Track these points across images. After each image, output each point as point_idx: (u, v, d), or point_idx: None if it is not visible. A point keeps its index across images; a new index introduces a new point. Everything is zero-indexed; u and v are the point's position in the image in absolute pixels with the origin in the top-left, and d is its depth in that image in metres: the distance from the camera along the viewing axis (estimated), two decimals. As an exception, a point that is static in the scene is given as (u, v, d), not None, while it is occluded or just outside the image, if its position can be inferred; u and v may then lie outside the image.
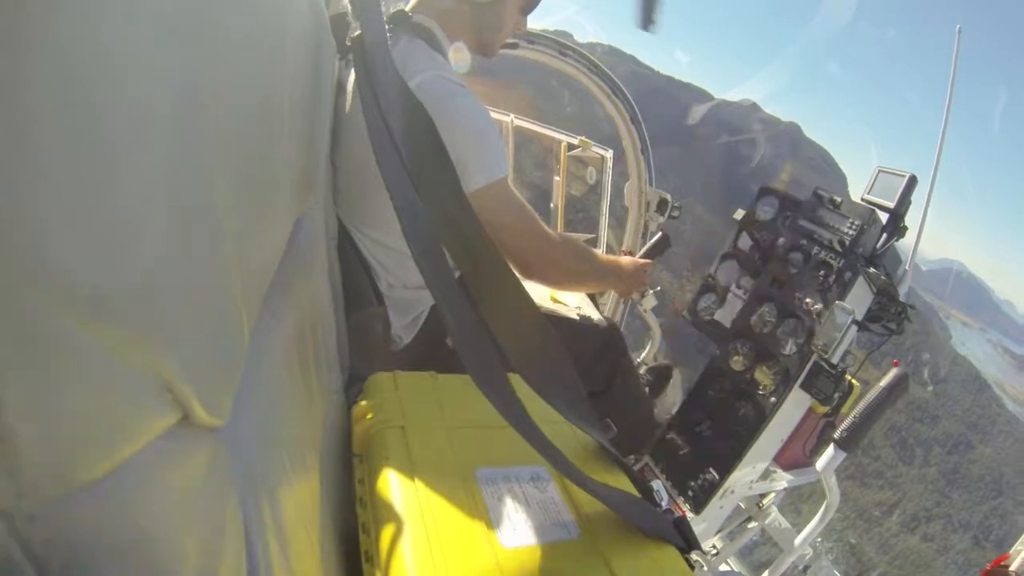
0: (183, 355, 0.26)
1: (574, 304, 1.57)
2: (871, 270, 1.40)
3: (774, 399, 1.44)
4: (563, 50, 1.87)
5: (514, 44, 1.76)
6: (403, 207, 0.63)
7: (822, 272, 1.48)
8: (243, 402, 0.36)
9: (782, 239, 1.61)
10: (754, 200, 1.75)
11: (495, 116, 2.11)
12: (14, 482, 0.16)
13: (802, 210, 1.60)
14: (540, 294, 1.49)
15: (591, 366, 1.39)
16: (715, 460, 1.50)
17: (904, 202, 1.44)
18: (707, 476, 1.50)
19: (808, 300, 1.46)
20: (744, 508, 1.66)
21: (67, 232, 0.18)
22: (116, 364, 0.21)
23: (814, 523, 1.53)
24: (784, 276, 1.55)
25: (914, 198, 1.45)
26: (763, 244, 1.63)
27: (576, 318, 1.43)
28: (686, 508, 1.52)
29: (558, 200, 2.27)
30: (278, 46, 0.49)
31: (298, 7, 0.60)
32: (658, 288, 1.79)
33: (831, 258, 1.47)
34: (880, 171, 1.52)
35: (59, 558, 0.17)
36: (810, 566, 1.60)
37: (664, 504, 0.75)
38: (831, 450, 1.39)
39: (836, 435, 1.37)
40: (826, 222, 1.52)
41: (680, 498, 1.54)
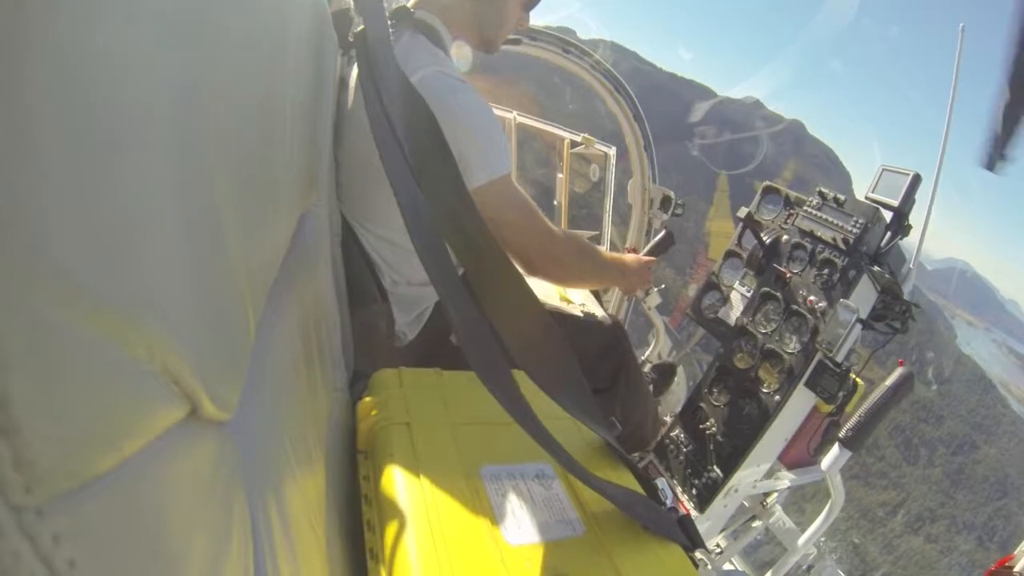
0: (189, 348, 0.26)
1: (578, 301, 1.57)
2: (875, 268, 1.39)
3: (778, 397, 1.44)
4: (566, 47, 1.87)
5: (516, 40, 1.76)
6: (406, 203, 0.63)
7: (826, 270, 1.47)
8: (249, 397, 0.36)
9: (786, 237, 1.61)
10: (758, 198, 1.74)
11: (498, 113, 2.10)
12: (22, 477, 0.16)
13: (805, 208, 1.59)
14: (547, 291, 1.49)
15: (595, 363, 1.39)
16: (719, 458, 1.50)
17: (908, 200, 1.44)
18: (711, 474, 1.50)
19: (812, 298, 1.46)
20: (748, 507, 1.66)
21: (70, 229, 0.18)
22: (123, 358, 0.21)
23: (818, 522, 1.52)
24: (788, 274, 1.54)
25: (918, 196, 1.45)
26: (767, 242, 1.62)
27: (580, 315, 1.43)
28: (690, 506, 1.52)
29: (561, 197, 2.27)
30: (279, 43, 0.49)
31: (300, 4, 0.60)
32: (662, 286, 1.78)
33: (835, 256, 1.47)
34: (884, 169, 1.52)
35: (67, 553, 0.17)
36: (814, 565, 1.60)
37: (668, 502, 0.74)
38: (836, 449, 1.39)
39: (841, 434, 1.37)
40: (830, 220, 1.52)
41: (684, 496, 1.54)
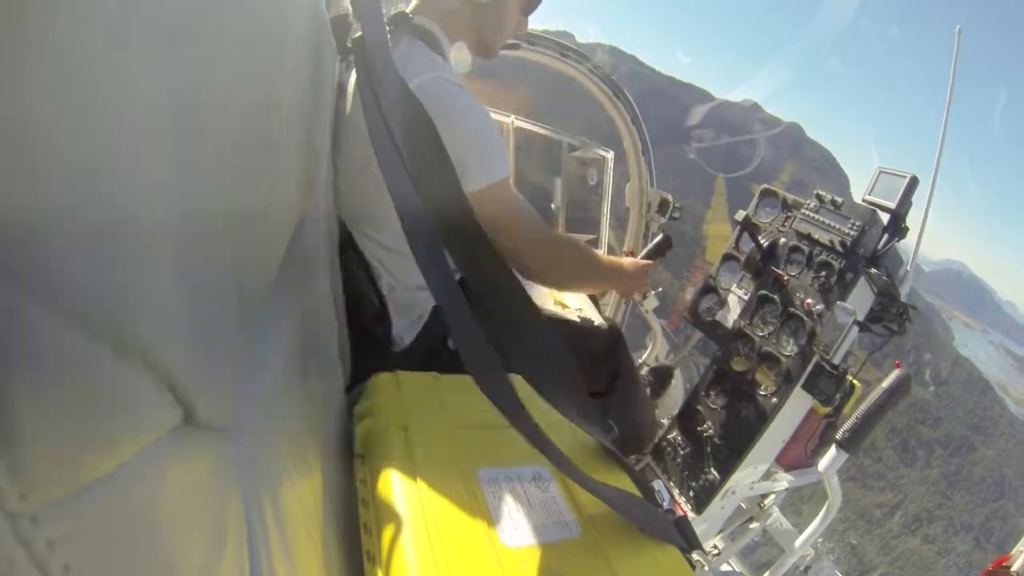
0: (185, 354, 0.26)
1: (575, 306, 1.57)
2: (872, 271, 1.40)
3: (776, 400, 1.44)
4: (564, 51, 1.87)
5: (515, 45, 1.77)
6: (404, 208, 0.64)
7: (823, 273, 1.48)
8: (245, 402, 0.36)
9: (783, 240, 1.61)
10: (755, 201, 1.75)
11: (496, 117, 2.11)
12: (17, 483, 0.16)
13: (803, 211, 1.60)
14: (542, 296, 1.49)
15: (592, 367, 1.39)
16: (717, 460, 1.50)
17: (905, 203, 1.45)
18: (708, 476, 1.50)
19: (809, 301, 1.46)
20: (745, 508, 1.66)
21: (67, 232, 0.18)
22: (118, 364, 0.21)
23: (816, 524, 1.52)
24: (785, 277, 1.55)
25: (915, 199, 1.45)
26: (764, 245, 1.63)
27: (577, 320, 1.43)
28: (687, 508, 1.52)
29: (559, 201, 2.27)
30: (278, 47, 0.49)
31: (298, 8, 0.60)
32: (659, 289, 1.79)
33: (832, 259, 1.47)
34: (881, 172, 1.52)
35: (62, 559, 0.17)
36: (811, 567, 1.60)
37: (665, 504, 0.75)
38: (833, 451, 1.39)
39: (838, 436, 1.37)
40: (827, 223, 1.52)
41: (681, 498, 1.54)
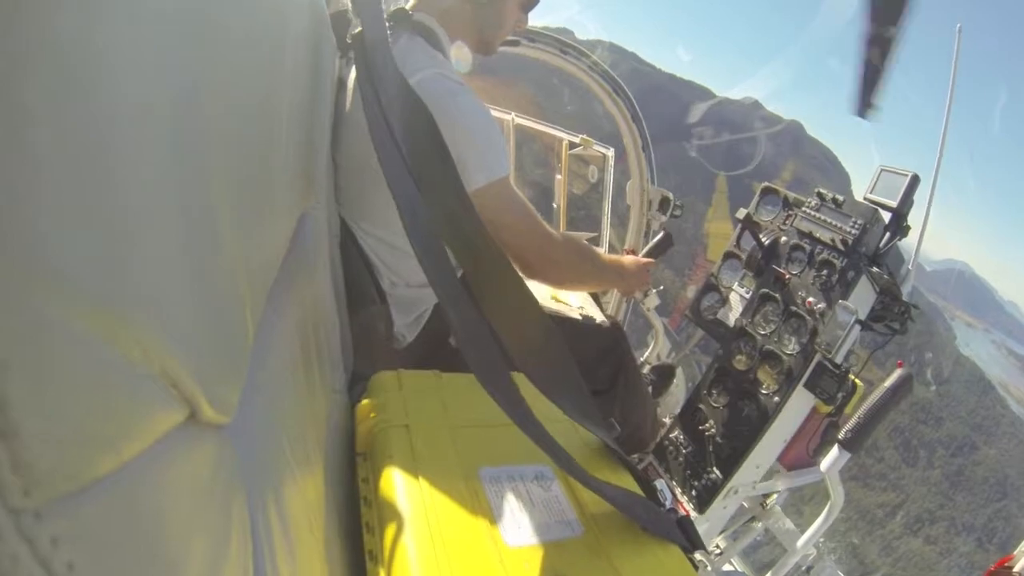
0: (188, 352, 0.26)
1: (577, 304, 1.57)
2: (874, 269, 1.40)
3: (777, 399, 1.44)
4: (564, 48, 1.87)
5: (515, 42, 1.76)
6: (405, 205, 0.64)
7: (825, 271, 1.48)
8: (248, 400, 0.36)
9: (784, 238, 1.61)
10: (756, 199, 1.74)
11: (496, 114, 2.10)
12: (20, 480, 0.16)
13: (804, 209, 1.60)
14: (545, 293, 1.49)
15: (594, 365, 1.39)
16: (719, 460, 1.50)
17: (906, 201, 1.44)
18: (711, 476, 1.50)
19: (811, 299, 1.46)
20: (748, 508, 1.66)
21: (69, 230, 0.18)
22: (122, 361, 0.21)
23: (818, 523, 1.52)
24: (787, 275, 1.54)
25: (917, 197, 1.45)
26: (765, 243, 1.62)
27: (579, 318, 1.43)
28: (690, 508, 1.52)
29: (560, 199, 2.26)
30: (278, 45, 0.49)
31: (298, 6, 0.60)
32: (661, 287, 1.78)
33: (834, 257, 1.47)
34: (882, 170, 1.52)
35: (65, 556, 0.17)
36: (813, 566, 1.60)
37: (668, 503, 0.74)
38: (835, 451, 1.39)
39: (840, 436, 1.37)
40: (828, 221, 1.52)
41: (684, 497, 1.54)
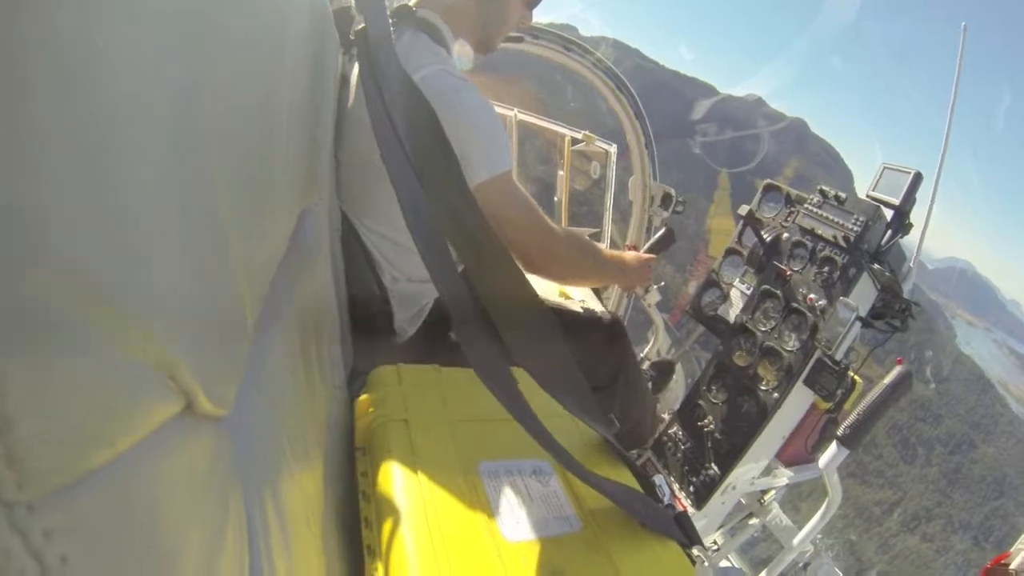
0: (185, 343, 0.26)
1: (578, 298, 1.57)
2: (875, 267, 1.39)
3: (777, 395, 1.44)
4: (567, 44, 1.86)
5: (519, 38, 1.76)
6: (407, 201, 0.63)
7: (826, 268, 1.47)
8: (246, 393, 0.36)
9: (786, 235, 1.60)
10: (759, 196, 1.74)
11: (499, 110, 2.10)
12: (14, 472, 0.16)
13: (806, 206, 1.59)
14: (547, 289, 1.49)
15: (594, 361, 1.39)
16: (717, 456, 1.50)
17: (909, 199, 1.44)
18: (709, 472, 1.50)
19: (812, 296, 1.46)
20: (745, 504, 1.66)
21: (69, 228, 0.18)
22: (118, 353, 0.21)
23: (815, 520, 1.53)
24: (788, 272, 1.54)
25: (919, 195, 1.44)
26: (767, 240, 1.62)
27: (580, 312, 1.43)
28: (688, 503, 1.52)
29: (562, 195, 2.26)
30: (279, 43, 0.49)
31: (299, 5, 0.59)
32: (662, 283, 1.78)
33: (835, 254, 1.46)
34: (885, 168, 1.51)
35: (58, 549, 0.17)
36: (811, 563, 1.60)
37: (666, 499, 0.75)
38: (834, 447, 1.39)
39: (839, 432, 1.37)
40: (831, 218, 1.51)
41: (682, 493, 1.55)
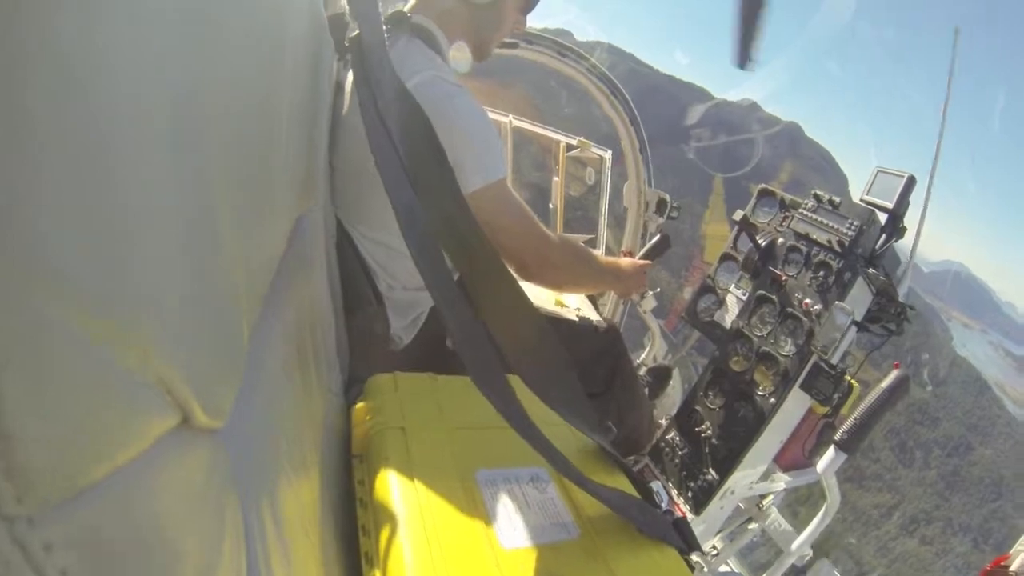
0: (183, 357, 0.26)
1: (573, 305, 1.57)
2: (870, 271, 1.40)
3: (774, 400, 1.44)
4: (562, 50, 1.87)
5: (513, 44, 1.77)
6: (401, 208, 0.64)
7: (821, 273, 1.48)
8: (243, 404, 0.36)
9: (781, 240, 1.61)
10: (753, 201, 1.75)
11: (493, 117, 2.10)
12: (13, 485, 0.16)
13: (801, 211, 1.60)
14: (542, 295, 1.49)
15: (590, 367, 1.39)
16: (715, 461, 1.50)
17: (903, 202, 1.45)
18: (707, 477, 1.50)
19: (807, 301, 1.46)
20: (744, 509, 1.66)
21: (66, 232, 0.18)
22: (116, 366, 0.21)
23: (814, 524, 1.52)
24: (783, 277, 1.55)
25: (913, 198, 1.45)
26: (762, 245, 1.63)
27: (575, 319, 1.43)
28: (686, 509, 1.52)
29: (557, 201, 2.26)
30: (278, 47, 0.49)
31: (297, 7, 0.60)
32: (657, 289, 1.79)
33: (830, 259, 1.47)
34: (879, 171, 1.52)
35: (59, 562, 0.17)
36: (809, 567, 1.60)
37: (664, 505, 0.75)
38: (831, 452, 1.39)
39: (837, 437, 1.37)
40: (825, 223, 1.52)
41: (680, 499, 1.54)
